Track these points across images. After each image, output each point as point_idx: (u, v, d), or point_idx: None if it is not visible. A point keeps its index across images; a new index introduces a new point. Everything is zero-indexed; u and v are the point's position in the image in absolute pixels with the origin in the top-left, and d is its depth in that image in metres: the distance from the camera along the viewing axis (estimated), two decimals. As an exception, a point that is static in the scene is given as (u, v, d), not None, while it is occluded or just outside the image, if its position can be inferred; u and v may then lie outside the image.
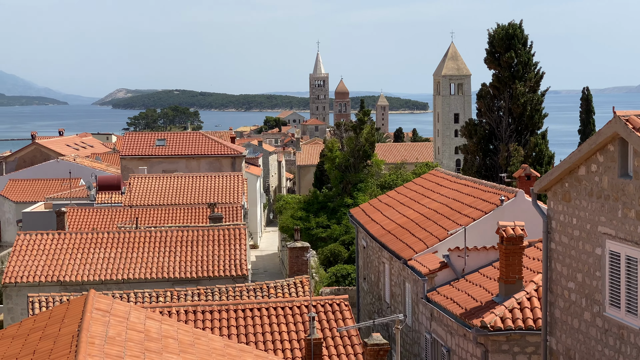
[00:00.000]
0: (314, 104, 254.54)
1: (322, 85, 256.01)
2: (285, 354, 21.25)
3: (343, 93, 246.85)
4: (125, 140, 68.90)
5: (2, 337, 13.49)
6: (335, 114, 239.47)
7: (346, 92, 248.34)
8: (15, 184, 71.06)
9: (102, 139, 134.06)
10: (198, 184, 53.42)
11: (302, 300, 23.32)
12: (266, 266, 63.67)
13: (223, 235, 35.33)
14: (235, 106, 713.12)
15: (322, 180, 79.78)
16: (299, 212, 60.40)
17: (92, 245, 34.48)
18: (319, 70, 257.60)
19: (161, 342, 13.02)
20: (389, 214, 33.28)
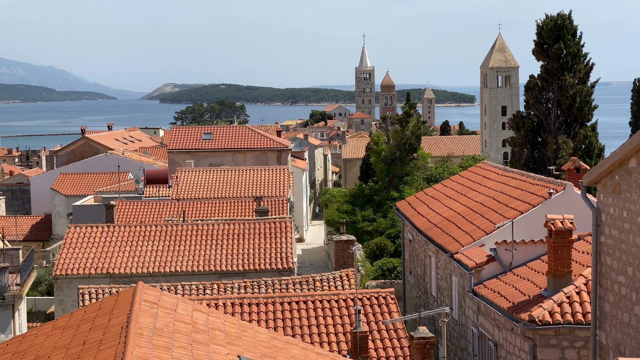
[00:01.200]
0: (359, 97, 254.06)
1: (368, 78, 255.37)
2: (331, 346, 21.26)
3: (389, 86, 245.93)
4: (172, 134, 69.52)
5: (54, 327, 13.72)
6: (381, 107, 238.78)
7: (392, 85, 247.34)
8: (66, 177, 72.17)
9: (149, 133, 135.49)
10: (244, 177, 53.70)
11: (348, 293, 23.31)
12: (312, 259, 63.78)
13: (269, 229, 35.47)
14: (281, 100, 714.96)
15: (368, 174, 79.62)
16: (345, 206, 60.35)
17: (140, 238, 34.87)
18: (364, 63, 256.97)
19: (208, 333, 13.12)
20: (435, 207, 33.09)
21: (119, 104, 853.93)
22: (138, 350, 10.81)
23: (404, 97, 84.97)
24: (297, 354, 14.19)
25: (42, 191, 76.23)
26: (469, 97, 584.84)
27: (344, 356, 18.13)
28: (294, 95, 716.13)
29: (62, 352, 12.05)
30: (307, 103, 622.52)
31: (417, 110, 72.37)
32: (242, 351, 12.87)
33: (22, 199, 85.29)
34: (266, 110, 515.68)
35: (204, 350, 12.06)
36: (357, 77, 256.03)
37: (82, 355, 11.45)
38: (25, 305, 35.17)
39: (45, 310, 45.41)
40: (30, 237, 67.74)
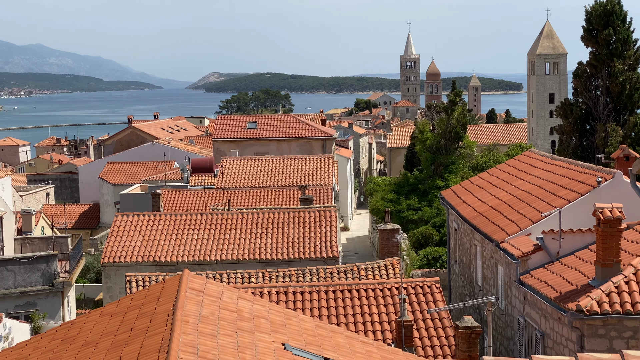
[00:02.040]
0: (404, 85, 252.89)
1: (413, 66, 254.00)
2: (376, 335, 21.23)
3: (434, 74, 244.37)
4: (217, 123, 69.92)
5: (102, 314, 13.89)
6: (427, 96, 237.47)
7: (437, 73, 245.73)
8: (113, 166, 73.05)
9: (195, 122, 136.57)
10: (289, 166, 53.80)
11: (392, 282, 23.24)
12: (357, 248, 63.76)
13: (314, 217, 35.51)
14: (325, 89, 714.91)
15: (413, 162, 79.26)
16: (390, 195, 60.18)
17: (186, 227, 35.16)
18: (409, 51, 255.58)
19: (253, 321, 13.17)
20: (480, 196, 32.82)
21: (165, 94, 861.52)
22: (184, 338, 10.90)
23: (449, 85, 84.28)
24: (342, 343, 14.19)
25: (90, 180, 77.28)
26: (515, 85, 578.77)
27: (388, 345, 18.09)
28: (339, 84, 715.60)
29: (110, 338, 12.20)
30: (352, 91, 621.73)
31: (462, 99, 71.71)
32: (286, 339, 12.90)
33: (71, 187, 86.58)
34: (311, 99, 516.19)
35: (249, 338, 12.12)
36: (402, 65, 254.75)
37: (129, 342, 11.58)
38: (74, 292, 35.73)
39: (94, 297, 46.08)
40: (78, 225, 68.75)
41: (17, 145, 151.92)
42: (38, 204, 68.62)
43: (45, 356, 12.73)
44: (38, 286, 31.59)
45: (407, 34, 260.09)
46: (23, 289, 31.38)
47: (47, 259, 31.93)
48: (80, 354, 12.00)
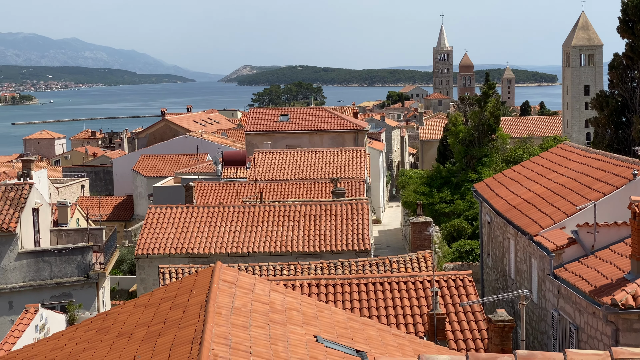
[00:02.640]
0: (437, 78, 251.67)
1: (446, 58, 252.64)
2: (408, 328, 21.19)
3: (467, 66, 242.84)
4: (250, 116, 70.10)
5: (136, 305, 14.02)
6: (459, 88, 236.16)
7: (470, 65, 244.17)
8: (147, 159, 73.60)
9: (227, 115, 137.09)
10: (321, 158, 53.81)
11: (425, 275, 23.17)
12: (389, 241, 63.66)
13: (346, 210, 35.50)
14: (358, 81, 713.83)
15: (446, 155, 78.91)
16: (422, 187, 59.98)
17: (218, 219, 35.33)
18: (442, 43, 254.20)
19: (285, 313, 13.22)
20: (514, 189, 32.58)
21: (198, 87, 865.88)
22: (217, 329, 10.97)
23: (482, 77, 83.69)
24: (374, 335, 14.19)
25: (124, 172, 77.96)
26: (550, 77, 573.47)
27: (420, 338, 18.05)
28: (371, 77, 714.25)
29: (144, 329, 12.31)
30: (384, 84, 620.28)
31: (496, 91, 71.19)
32: (318, 331, 12.93)
33: (105, 180, 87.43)
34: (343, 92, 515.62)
35: (281, 330, 12.16)
36: (435, 57, 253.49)
37: (162, 333, 11.68)
38: (109, 284, 36.08)
39: (128, 289, 46.52)
40: (113, 217, 69.41)
41: (53, 138, 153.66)
42: (73, 196, 69.37)
43: (80, 346, 12.88)
44: (73, 277, 31.94)
45: (440, 26, 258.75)
46: (59, 280, 31.75)
47: (82, 250, 32.27)
48: (114, 345, 12.13)
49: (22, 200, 32.09)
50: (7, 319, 30.61)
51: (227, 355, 10.12)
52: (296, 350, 11.38)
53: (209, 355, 9.90)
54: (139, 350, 11.26)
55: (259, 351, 10.76)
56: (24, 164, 38.93)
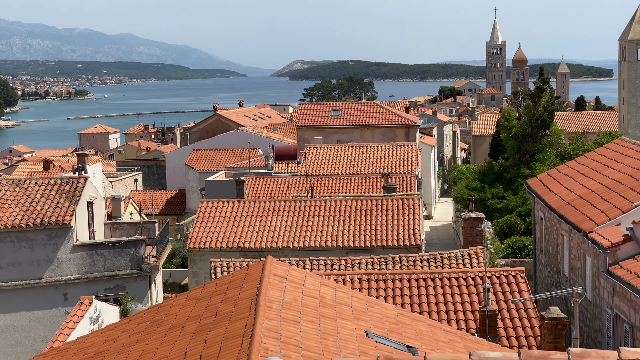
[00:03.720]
0: (490, 72, 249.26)
1: (499, 53, 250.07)
2: (459, 324, 21.03)
3: (521, 61, 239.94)
4: (301, 111, 70.23)
5: (187, 299, 14.14)
6: (513, 83, 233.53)
7: (524, 59, 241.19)
8: (199, 153, 74.24)
9: (279, 109, 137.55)
10: (372, 153, 53.68)
11: (476, 271, 22.96)
12: (440, 237, 63.28)
13: (397, 205, 35.36)
14: (409, 76, 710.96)
15: (498, 151, 78.11)
16: (474, 183, 59.45)
17: (269, 213, 35.48)
18: (495, 37, 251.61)
19: (335, 308, 13.21)
20: (568, 185, 32.10)
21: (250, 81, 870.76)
22: (267, 323, 11.00)
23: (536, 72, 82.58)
24: (424, 331, 14.10)
25: (176, 166, 78.75)
26: (606, 71, 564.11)
27: (472, 334, 17.89)
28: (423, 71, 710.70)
29: (196, 322, 12.41)
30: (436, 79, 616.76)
31: (550, 85, 70.19)
32: (369, 326, 12.90)
33: (158, 174, 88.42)
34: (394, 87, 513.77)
35: (332, 325, 12.15)
36: (488, 51, 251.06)
37: (214, 326, 11.76)
38: (161, 277, 36.48)
39: (180, 282, 46.98)
40: (165, 210, 70.16)
41: (107, 133, 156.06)
42: (127, 190, 70.32)
43: (133, 338, 13.04)
44: (127, 270, 32.38)
45: (494, 20, 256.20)
46: (112, 272, 32.21)
47: (135, 243, 32.69)
48: (167, 337, 12.25)
49: (77, 193, 32.61)
50: (62, 311, 31.18)
51: (277, 349, 10.15)
52: (346, 345, 11.37)
53: (259, 348, 9.94)
54: (190, 343, 11.35)
55: (309, 345, 10.77)
56: (79, 157, 39.58)
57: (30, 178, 34.22)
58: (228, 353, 10.25)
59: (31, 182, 33.39)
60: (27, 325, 31.23)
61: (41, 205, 31.93)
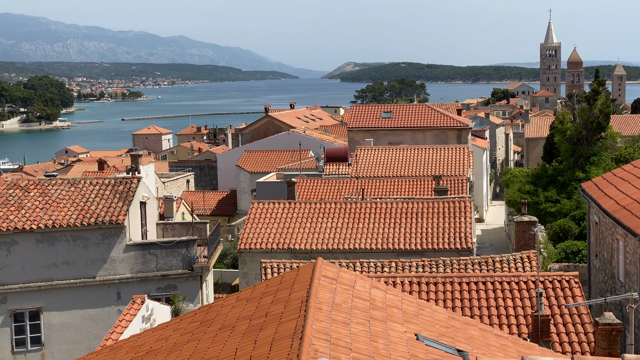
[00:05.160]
0: (544, 74, 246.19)
1: (554, 55, 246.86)
2: (511, 329, 20.78)
3: (576, 63, 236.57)
4: (352, 112, 70.17)
5: (238, 299, 14.20)
6: (567, 85, 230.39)
7: (579, 61, 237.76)
8: (250, 155, 74.65)
9: (330, 111, 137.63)
10: (423, 156, 53.38)
11: (529, 275, 22.66)
12: (492, 240, 62.67)
13: (448, 208, 35.10)
14: (462, 78, 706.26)
15: (552, 154, 77.05)
16: (527, 186, 58.72)
17: (320, 215, 35.49)
18: (550, 39, 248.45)
19: (386, 311, 13.14)
20: (624, 189, 31.51)
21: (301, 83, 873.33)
22: (317, 324, 10.99)
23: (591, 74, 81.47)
24: (476, 335, 13.96)
25: (227, 168, 79.30)
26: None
27: (524, 339, 17.66)
28: (476, 73, 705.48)
29: (246, 322, 12.45)
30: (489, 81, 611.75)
31: (606, 88, 69.00)
32: (419, 329, 12.81)
33: (210, 175, 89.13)
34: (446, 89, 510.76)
35: (382, 327, 12.09)
36: (542, 53, 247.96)
37: (264, 327, 11.78)
38: (212, 277, 36.74)
39: (230, 282, 47.27)
40: (216, 211, 70.69)
41: (160, 134, 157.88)
42: (179, 191, 71.02)
43: (184, 337, 13.14)
44: (178, 270, 32.67)
45: (548, 22, 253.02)
46: (164, 272, 32.53)
47: (187, 243, 32.97)
48: (217, 337, 12.31)
49: (130, 193, 33.03)
50: (115, 309, 31.60)
51: (327, 351, 10.12)
52: (396, 348, 11.30)
53: (309, 350, 9.93)
54: (241, 343, 11.39)
55: (359, 347, 10.73)
56: (132, 158, 40.07)
57: (85, 178, 34.75)
58: (278, 354, 10.26)
59: (86, 182, 33.91)
60: (81, 323, 31.73)
61: (95, 204, 32.41)
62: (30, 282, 31.33)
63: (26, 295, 31.35)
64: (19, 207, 32.03)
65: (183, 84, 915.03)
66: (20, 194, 32.87)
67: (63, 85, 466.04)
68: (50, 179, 34.82)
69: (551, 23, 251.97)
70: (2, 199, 32.45)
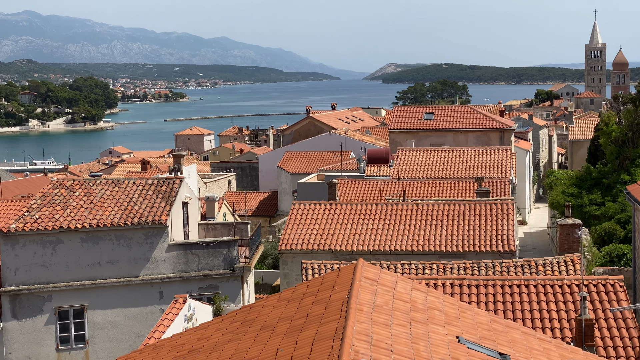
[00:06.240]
0: (589, 75, 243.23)
1: (599, 56, 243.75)
2: (554, 333, 20.55)
3: (622, 64, 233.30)
4: (394, 114, 69.99)
5: (279, 299, 14.24)
6: (613, 86, 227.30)
7: (625, 62, 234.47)
8: (291, 156, 74.83)
9: (371, 112, 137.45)
10: (465, 157, 53.05)
11: (572, 278, 22.39)
12: (534, 243, 62.06)
13: (490, 210, 34.83)
14: (504, 79, 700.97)
15: (597, 156, 76.08)
16: (571, 188, 58.06)
17: (361, 216, 35.45)
18: (595, 40, 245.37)
19: (427, 313, 13.09)
20: (670, 192, 31.01)
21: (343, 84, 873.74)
22: (358, 326, 10.98)
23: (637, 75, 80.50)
24: (518, 338, 13.83)
25: (269, 168, 79.58)
26: None
27: (567, 343, 17.46)
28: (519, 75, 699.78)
29: (287, 323, 12.48)
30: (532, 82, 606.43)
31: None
32: (460, 332, 12.73)
33: (251, 175, 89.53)
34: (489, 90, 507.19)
35: (423, 329, 12.04)
36: (587, 54, 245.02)
37: (305, 327, 11.80)
38: (253, 277, 36.90)
39: (271, 283, 47.42)
40: (258, 212, 70.99)
41: (202, 135, 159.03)
42: (221, 191, 71.47)
43: (226, 337, 13.21)
44: (220, 270, 32.85)
45: (593, 22, 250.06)
46: (206, 272, 32.75)
47: (228, 244, 33.14)
48: (258, 337, 12.36)
49: (173, 193, 33.31)
50: (157, 308, 31.89)
51: (368, 352, 10.11)
52: (438, 351, 11.25)
53: (350, 351, 9.92)
54: (281, 344, 11.43)
55: (400, 349, 10.70)
56: (175, 159, 40.40)
57: (128, 178, 35.13)
58: (319, 355, 10.27)
59: (129, 182, 34.28)
60: (124, 321, 32.08)
61: (139, 204, 32.74)
62: (75, 280, 31.77)
63: (71, 293, 31.80)
64: (64, 207, 32.49)
65: (225, 85, 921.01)
66: (65, 193, 33.34)
67: (107, 87, 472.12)
68: (94, 178, 35.27)
69: (596, 24, 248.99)
70: (48, 199, 32.95)
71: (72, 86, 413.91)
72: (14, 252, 31.51)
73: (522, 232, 64.04)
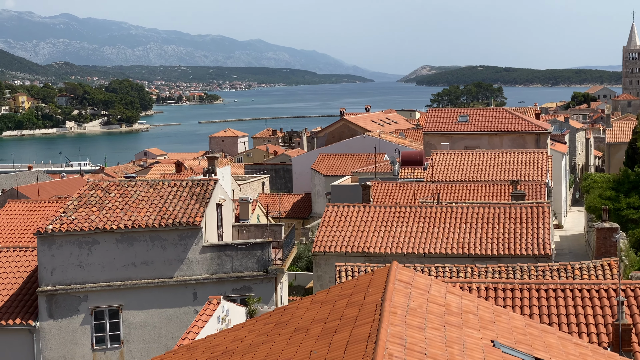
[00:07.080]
0: (627, 78, 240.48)
1: (637, 57, 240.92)
2: (591, 337, 20.30)
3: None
4: (428, 116, 69.72)
5: (312, 302, 14.22)
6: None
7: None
8: (325, 158, 74.83)
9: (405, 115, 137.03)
10: (500, 160, 52.67)
11: (609, 283, 22.11)
12: (571, 247, 61.43)
13: (526, 213, 34.53)
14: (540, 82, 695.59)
15: (634, 159, 75.15)
16: (608, 192, 57.39)
17: (395, 219, 35.33)
18: (633, 42, 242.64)
19: (461, 316, 12.99)
20: None
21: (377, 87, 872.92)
22: (392, 329, 10.93)
23: (676, 76, 79.34)
24: (554, 343, 13.68)
25: (302, 170, 79.67)
26: None
27: (604, 348, 17.23)
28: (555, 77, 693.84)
29: (320, 325, 12.46)
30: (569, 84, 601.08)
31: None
32: (495, 336, 12.61)
33: (285, 177, 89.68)
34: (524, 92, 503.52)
35: (457, 333, 11.95)
36: (625, 56, 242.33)
37: (338, 330, 11.77)
38: (287, 279, 36.94)
39: (305, 285, 47.44)
40: (291, 214, 71.06)
41: (236, 137, 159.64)
42: (254, 193, 71.68)
43: (259, 339, 13.22)
44: (253, 272, 32.92)
45: (631, 24, 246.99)
46: (240, 273, 32.83)
47: (262, 246, 33.21)
48: (292, 339, 12.35)
49: (207, 195, 33.46)
50: (191, 309, 32.04)
51: (402, 355, 10.06)
52: (472, 355, 11.15)
53: (384, 354, 9.87)
54: (315, 346, 11.40)
55: (434, 353, 10.63)
56: (209, 160, 40.62)
57: (163, 180, 35.36)
58: (352, 357, 10.23)
59: (164, 184, 34.51)
60: (159, 322, 32.28)
61: (173, 206, 32.93)
62: (110, 281, 32.04)
63: (106, 294, 32.07)
64: (100, 208, 32.78)
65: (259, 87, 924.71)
66: (101, 194, 33.65)
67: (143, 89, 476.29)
68: (129, 180, 35.55)
69: (634, 25, 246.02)
70: (84, 200, 33.27)
71: (108, 88, 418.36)
72: (50, 253, 31.86)
73: (558, 236, 63.42)
